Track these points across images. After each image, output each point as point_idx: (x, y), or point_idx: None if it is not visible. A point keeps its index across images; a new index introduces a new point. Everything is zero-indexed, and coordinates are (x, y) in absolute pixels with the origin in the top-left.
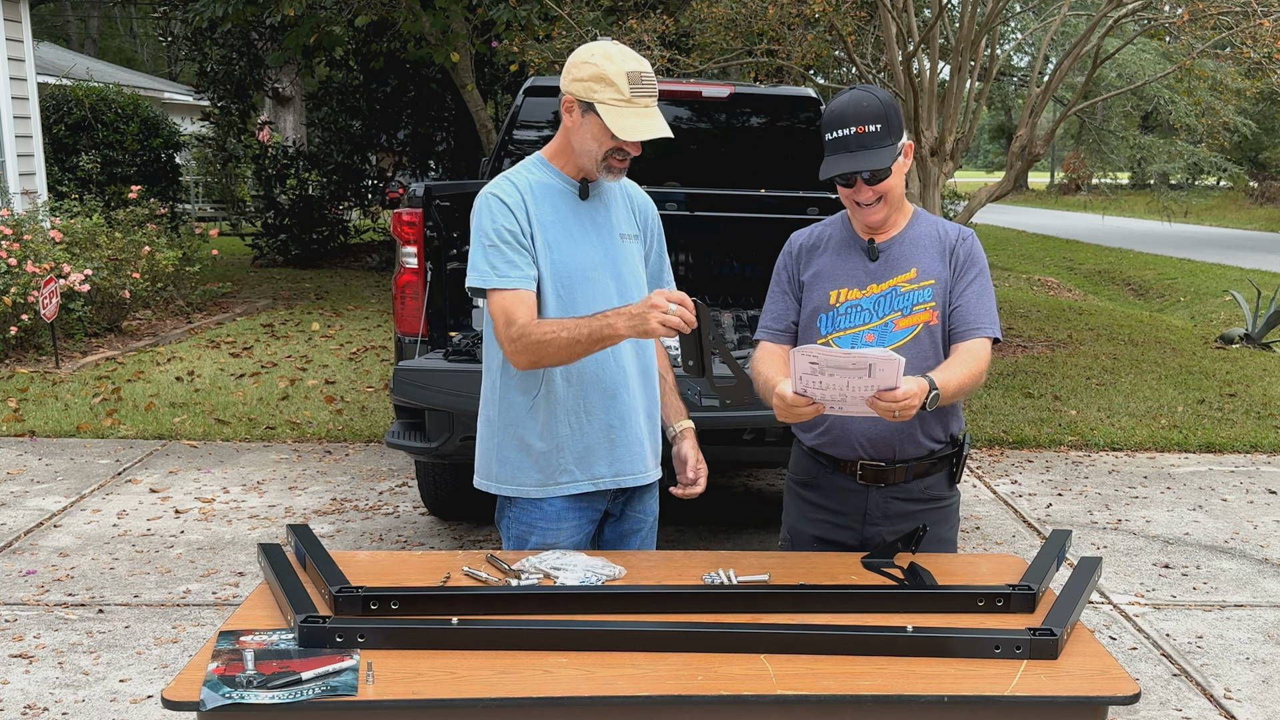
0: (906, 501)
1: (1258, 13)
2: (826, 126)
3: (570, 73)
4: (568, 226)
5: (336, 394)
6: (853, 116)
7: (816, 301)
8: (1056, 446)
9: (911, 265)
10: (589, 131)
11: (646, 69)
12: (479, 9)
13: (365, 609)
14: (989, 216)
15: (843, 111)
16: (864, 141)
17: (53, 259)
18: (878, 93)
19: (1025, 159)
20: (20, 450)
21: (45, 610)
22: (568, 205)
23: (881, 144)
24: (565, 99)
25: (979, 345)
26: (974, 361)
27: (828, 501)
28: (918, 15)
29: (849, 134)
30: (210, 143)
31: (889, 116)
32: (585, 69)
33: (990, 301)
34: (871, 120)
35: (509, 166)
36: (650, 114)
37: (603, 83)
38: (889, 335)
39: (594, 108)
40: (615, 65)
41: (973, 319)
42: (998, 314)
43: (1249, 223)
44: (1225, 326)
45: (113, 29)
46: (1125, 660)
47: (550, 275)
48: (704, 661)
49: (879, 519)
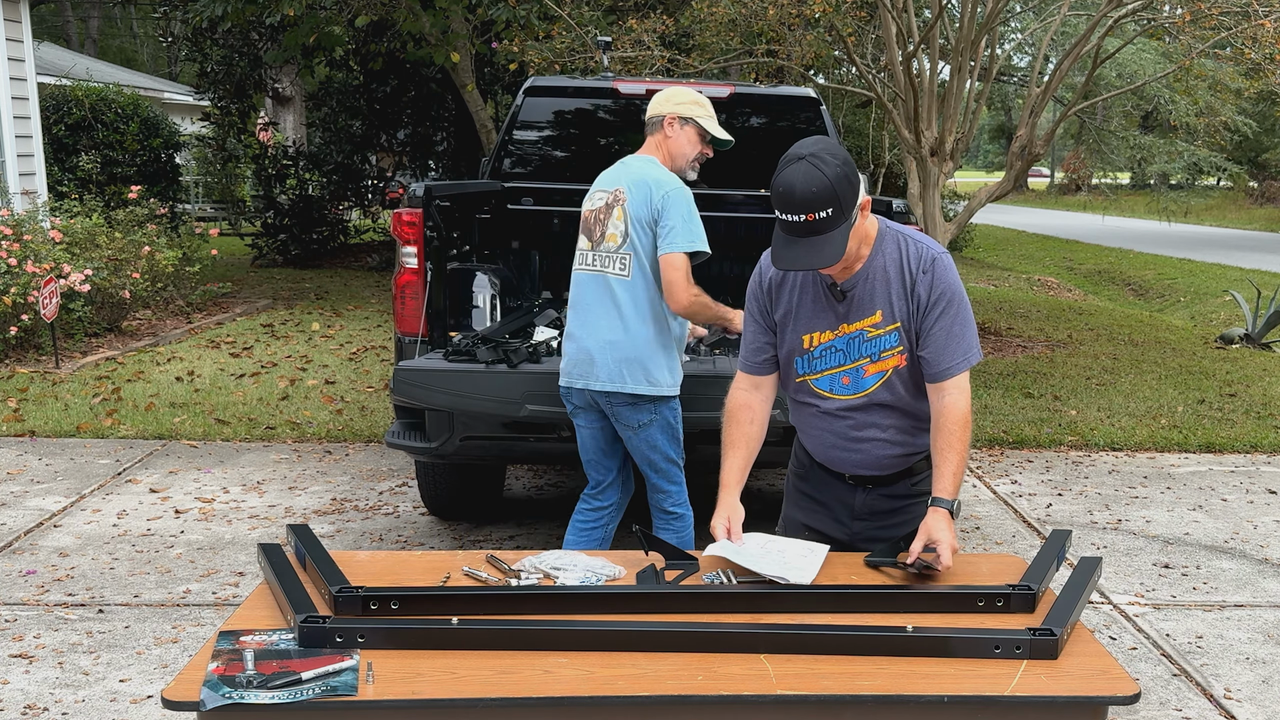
0: (894, 499)
1: (1258, 13)
2: (775, 203)
3: (670, 102)
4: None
5: (336, 394)
6: (800, 203)
7: (791, 345)
8: (1056, 446)
9: (876, 307)
10: (687, 136)
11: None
12: (479, 9)
13: (365, 609)
14: (989, 216)
15: (790, 193)
16: (814, 228)
17: (53, 259)
18: (828, 166)
19: (1025, 159)
20: (20, 450)
21: (45, 610)
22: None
23: (834, 227)
24: (667, 118)
25: (955, 392)
26: (956, 424)
27: (818, 494)
28: (918, 15)
29: (798, 220)
30: (210, 143)
31: (841, 195)
32: (684, 100)
33: (962, 330)
34: (822, 206)
35: (509, 166)
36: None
37: (698, 104)
38: (862, 381)
39: (692, 121)
40: (698, 98)
41: (946, 359)
42: (977, 335)
43: (1249, 223)
44: (1225, 326)
45: (113, 29)
46: (1125, 660)
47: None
48: (704, 661)
49: (866, 515)
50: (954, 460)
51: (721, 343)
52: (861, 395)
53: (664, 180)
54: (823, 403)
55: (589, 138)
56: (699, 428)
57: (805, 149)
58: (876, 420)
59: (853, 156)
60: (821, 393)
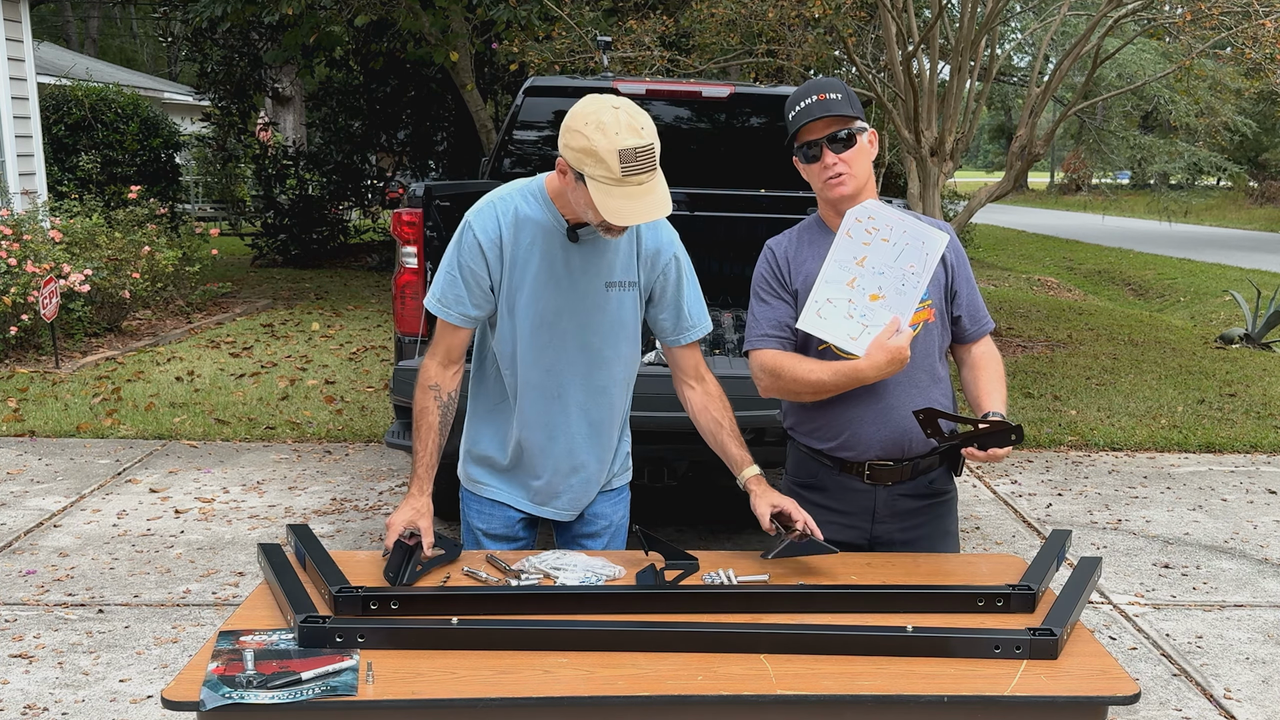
0: (912, 498)
1: (1259, 13)
2: (789, 108)
3: (564, 136)
4: (546, 268)
5: (336, 394)
6: (815, 87)
7: None
8: (1056, 446)
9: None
10: (582, 198)
11: (644, 142)
12: (479, 9)
13: (365, 609)
14: (989, 216)
15: (803, 89)
16: (827, 106)
17: (53, 259)
18: (834, 79)
19: (1025, 159)
20: (20, 450)
21: (45, 610)
22: (552, 246)
23: (844, 109)
24: (559, 160)
25: (990, 344)
26: (999, 365)
27: (835, 503)
28: (918, 15)
29: (811, 102)
30: (210, 143)
31: (849, 93)
32: (577, 139)
33: (979, 295)
34: (833, 90)
35: (509, 166)
36: (643, 192)
37: (593, 158)
38: None
39: (585, 179)
40: (607, 141)
41: (981, 317)
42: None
43: (1249, 223)
44: (1225, 326)
45: (113, 29)
46: (1125, 660)
47: (518, 315)
48: (704, 661)
49: (887, 516)
50: (1001, 390)
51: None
52: None
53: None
54: None
55: None
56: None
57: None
58: (901, 382)
59: None
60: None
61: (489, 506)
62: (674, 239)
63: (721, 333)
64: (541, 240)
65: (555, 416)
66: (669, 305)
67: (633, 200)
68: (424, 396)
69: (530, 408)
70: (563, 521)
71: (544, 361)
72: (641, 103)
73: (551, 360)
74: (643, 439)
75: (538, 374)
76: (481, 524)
